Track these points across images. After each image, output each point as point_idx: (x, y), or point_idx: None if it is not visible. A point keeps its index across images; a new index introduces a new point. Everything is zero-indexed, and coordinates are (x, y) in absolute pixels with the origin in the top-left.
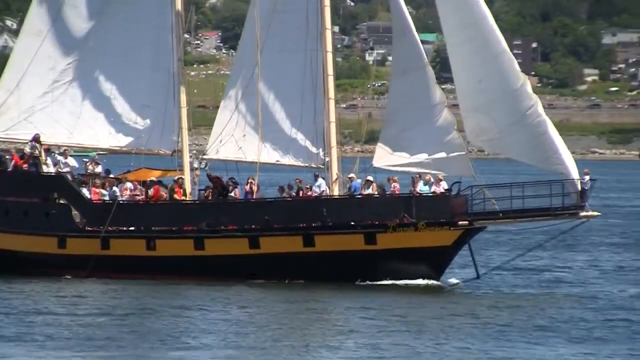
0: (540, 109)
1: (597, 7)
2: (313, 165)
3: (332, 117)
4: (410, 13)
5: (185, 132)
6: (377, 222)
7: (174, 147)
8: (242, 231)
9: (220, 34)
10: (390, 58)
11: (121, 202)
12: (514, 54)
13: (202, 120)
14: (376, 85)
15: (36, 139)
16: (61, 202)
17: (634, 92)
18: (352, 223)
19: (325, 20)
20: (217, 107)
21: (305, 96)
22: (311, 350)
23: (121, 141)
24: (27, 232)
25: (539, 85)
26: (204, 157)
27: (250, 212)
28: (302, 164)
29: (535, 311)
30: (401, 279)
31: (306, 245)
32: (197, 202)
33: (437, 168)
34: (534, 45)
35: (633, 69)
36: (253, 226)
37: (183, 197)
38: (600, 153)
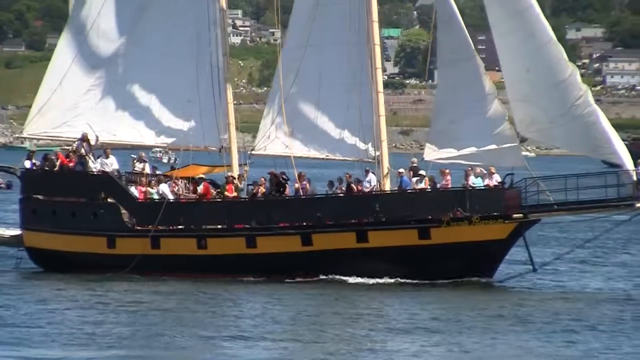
0: (590, 98)
1: (562, 2)
2: (364, 160)
3: (382, 110)
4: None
5: (232, 128)
6: (430, 217)
7: (221, 143)
8: (294, 228)
9: None
10: None
11: (171, 200)
12: (477, 50)
13: None
14: None
15: (83, 138)
16: (109, 201)
17: (598, 87)
18: (406, 218)
19: (372, 13)
20: None
21: (352, 90)
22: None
23: (167, 138)
24: (75, 232)
25: (502, 80)
26: (253, 153)
27: (302, 209)
28: (352, 159)
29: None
30: (455, 274)
31: (359, 241)
32: (248, 199)
33: (489, 160)
34: None
35: (597, 64)
36: (305, 223)
37: (235, 194)
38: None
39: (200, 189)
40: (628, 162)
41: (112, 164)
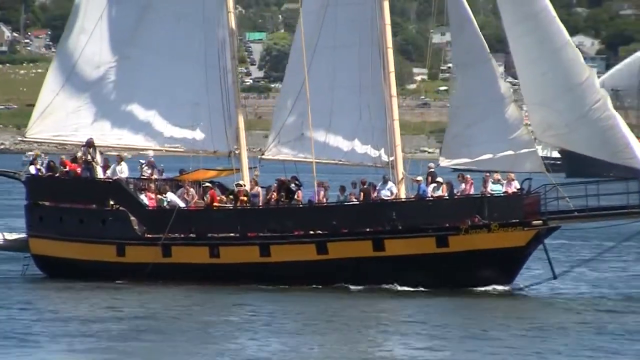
0: (608, 103)
1: (427, 7)
2: (377, 165)
3: (396, 114)
4: (240, 12)
5: (242, 132)
6: (448, 225)
7: (230, 147)
8: (309, 237)
9: (49, 32)
10: None
11: (181, 208)
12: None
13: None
14: None
15: (90, 143)
16: (119, 208)
17: None
18: (423, 226)
19: (384, 16)
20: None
21: (363, 93)
22: None
23: (175, 141)
24: (83, 240)
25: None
26: (263, 157)
27: (317, 217)
28: (366, 164)
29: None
30: (474, 282)
31: (376, 249)
32: (262, 207)
33: (507, 166)
34: None
35: None
36: (320, 231)
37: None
38: (430, 152)
39: (207, 198)
40: None
41: (123, 171)
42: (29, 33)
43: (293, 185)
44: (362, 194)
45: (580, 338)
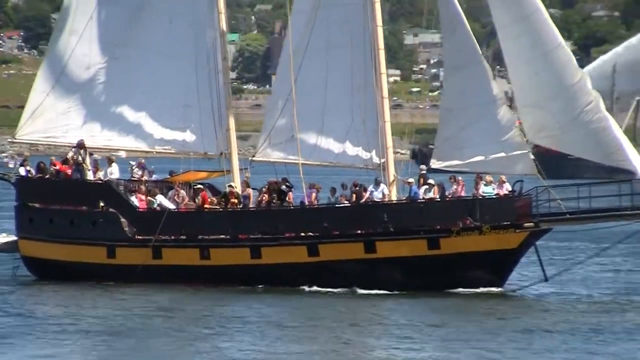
0: (601, 105)
1: (399, 8)
2: (368, 167)
3: (387, 116)
4: None
5: (233, 133)
6: (440, 227)
7: (220, 148)
8: (300, 238)
9: (22, 33)
10: None
11: (172, 210)
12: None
13: (4, 120)
14: None
15: (80, 144)
16: (109, 210)
17: (436, 93)
18: (415, 228)
19: (376, 17)
20: (22, 107)
21: (354, 95)
22: None
23: (165, 143)
24: (74, 242)
25: None
26: (254, 159)
27: (308, 219)
28: (357, 166)
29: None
30: (466, 284)
31: (367, 252)
32: (253, 209)
33: (499, 168)
34: None
35: (434, 70)
36: (311, 233)
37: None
38: (402, 153)
39: (198, 200)
40: None
41: (114, 172)
42: (1, 34)
43: (284, 187)
44: (353, 195)
45: (564, 340)
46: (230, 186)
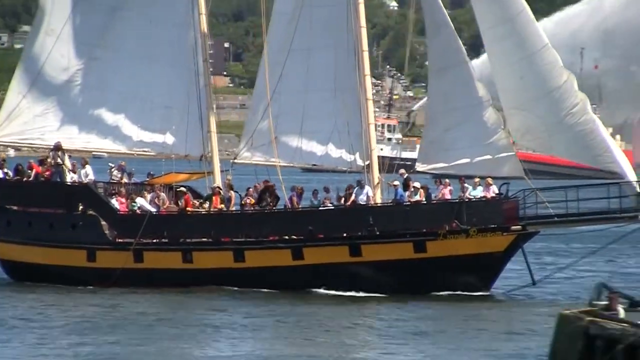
0: (588, 106)
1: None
2: (352, 169)
3: (371, 118)
4: None
5: (214, 135)
6: (426, 230)
7: (201, 150)
8: (285, 242)
9: None
10: None
11: (154, 213)
12: None
13: None
14: None
15: (58, 147)
16: (89, 213)
17: None
18: (401, 231)
19: (359, 18)
20: None
21: (338, 96)
22: None
23: (144, 145)
24: (53, 245)
25: (231, 85)
26: (235, 161)
27: (293, 222)
28: (341, 168)
29: None
30: (452, 287)
31: (353, 255)
32: (236, 212)
33: (485, 170)
34: (226, 45)
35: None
36: (296, 236)
37: (221, 205)
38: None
39: (181, 203)
40: (629, 171)
41: (88, 174)
42: None
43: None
44: (350, 199)
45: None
46: (217, 187)
